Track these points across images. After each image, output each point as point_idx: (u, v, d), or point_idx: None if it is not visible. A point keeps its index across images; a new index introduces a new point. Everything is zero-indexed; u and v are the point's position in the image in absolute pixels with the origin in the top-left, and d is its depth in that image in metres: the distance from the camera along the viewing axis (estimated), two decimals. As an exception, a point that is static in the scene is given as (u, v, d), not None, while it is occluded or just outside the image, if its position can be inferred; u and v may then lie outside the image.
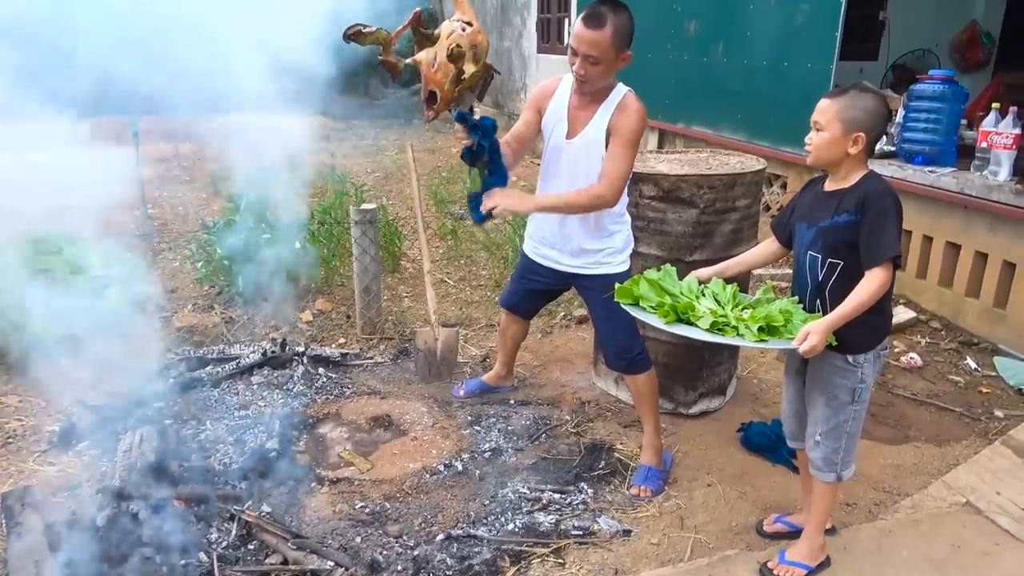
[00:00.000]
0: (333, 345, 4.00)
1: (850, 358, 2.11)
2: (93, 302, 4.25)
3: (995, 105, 3.97)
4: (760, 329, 2.00)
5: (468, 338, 4.12)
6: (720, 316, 2.07)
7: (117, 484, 2.52)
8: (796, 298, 2.20)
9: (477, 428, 3.21)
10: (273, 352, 3.63)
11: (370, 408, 3.38)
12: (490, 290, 4.79)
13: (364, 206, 3.97)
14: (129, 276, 4.72)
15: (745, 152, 5.67)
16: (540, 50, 9.79)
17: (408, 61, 2.32)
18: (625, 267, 2.81)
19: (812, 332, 1.92)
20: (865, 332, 2.07)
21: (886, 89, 5.53)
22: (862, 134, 2.01)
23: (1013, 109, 3.82)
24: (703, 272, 2.33)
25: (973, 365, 3.81)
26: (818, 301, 2.13)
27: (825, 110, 2.04)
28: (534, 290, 3.09)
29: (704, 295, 2.25)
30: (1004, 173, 3.87)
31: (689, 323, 2.07)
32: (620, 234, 2.79)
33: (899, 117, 4.50)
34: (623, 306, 2.21)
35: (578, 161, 2.67)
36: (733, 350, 3.34)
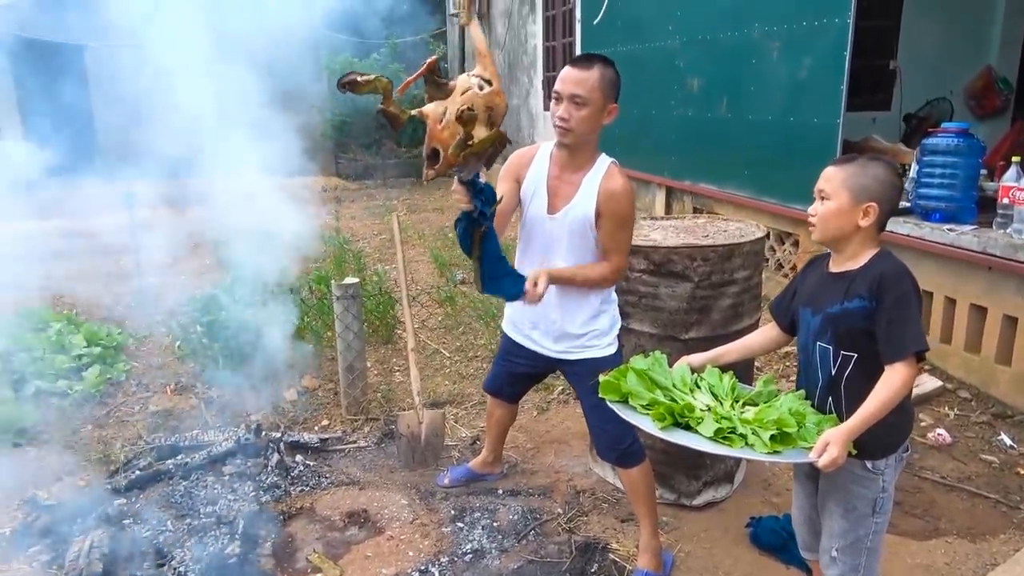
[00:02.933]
0: (316, 427, 3.78)
1: (870, 464, 1.84)
2: (70, 385, 4.12)
3: (1015, 159, 3.72)
4: (772, 437, 1.74)
5: (459, 417, 3.87)
6: (723, 419, 1.81)
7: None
8: (802, 392, 1.95)
9: (460, 524, 2.94)
10: (247, 439, 3.41)
11: (347, 501, 3.13)
12: (486, 361, 4.56)
13: (346, 280, 3.79)
14: (113, 355, 4.59)
15: (753, 209, 5.49)
16: (547, 108, 9.73)
17: (414, 113, 2.01)
18: (612, 350, 2.57)
19: (832, 442, 1.67)
20: (885, 433, 1.79)
21: (899, 142, 5.30)
22: (874, 205, 1.79)
23: (1035, 163, 3.56)
24: (696, 359, 2.10)
25: (1008, 441, 3.47)
26: (830, 398, 1.88)
27: (831, 178, 1.84)
28: (517, 373, 2.85)
29: (699, 387, 2.00)
30: (1029, 231, 3.59)
31: (688, 427, 1.83)
32: (607, 315, 2.57)
33: (913, 172, 4.26)
34: (610, 404, 1.95)
35: (559, 239, 2.45)
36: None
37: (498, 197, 2.18)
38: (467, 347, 4.83)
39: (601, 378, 1.98)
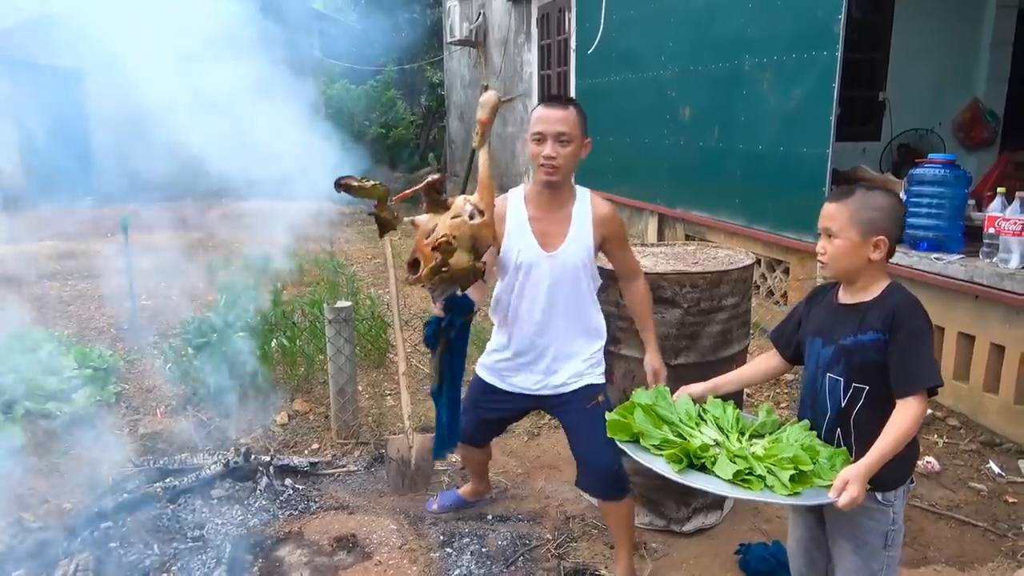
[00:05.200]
0: (306, 451, 3.76)
1: (879, 496, 1.82)
2: (59, 407, 4.10)
3: (1000, 190, 3.78)
4: (791, 478, 1.70)
5: (449, 442, 3.86)
6: (737, 457, 1.77)
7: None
8: (806, 423, 1.93)
9: (448, 550, 2.93)
10: (236, 463, 3.40)
11: (335, 525, 3.11)
12: (478, 386, 4.56)
13: (339, 304, 3.80)
14: (104, 377, 4.58)
15: (745, 237, 5.54)
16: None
17: (406, 221, 2.13)
18: (604, 379, 2.60)
19: (851, 481, 1.64)
20: (896, 464, 1.75)
21: (887, 172, 5.37)
22: (883, 238, 1.79)
23: (1020, 195, 3.61)
24: (696, 389, 2.08)
25: (997, 469, 3.48)
26: (839, 430, 1.86)
27: (835, 215, 1.83)
28: (491, 420, 2.79)
29: (704, 420, 1.98)
30: (1015, 261, 3.64)
31: (703, 468, 1.78)
32: (603, 340, 2.61)
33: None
34: (621, 445, 1.90)
35: (562, 277, 2.47)
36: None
37: (475, 307, 2.33)
38: (459, 372, 4.83)
39: (609, 417, 1.94)
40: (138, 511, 3.14)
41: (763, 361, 2.17)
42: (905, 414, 1.70)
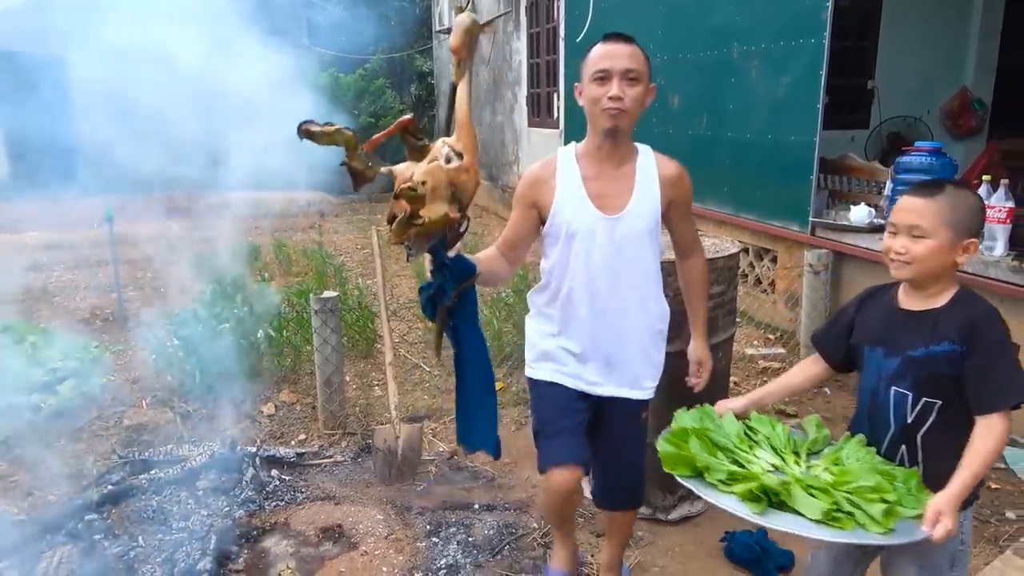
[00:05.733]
0: (293, 442, 3.76)
1: None
2: (44, 399, 4.07)
3: (986, 177, 3.79)
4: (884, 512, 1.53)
5: (436, 432, 3.86)
6: (813, 487, 1.59)
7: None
8: (862, 438, 1.78)
9: (435, 539, 2.93)
10: (222, 453, 3.38)
11: (322, 516, 3.11)
12: (466, 376, 4.55)
13: (325, 294, 3.78)
14: (88, 368, 4.55)
15: (733, 225, 5.54)
16: (531, 124, 9.80)
17: (383, 170, 1.80)
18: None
19: (944, 512, 1.49)
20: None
21: (875, 160, 5.38)
22: (975, 240, 1.66)
23: (1005, 182, 3.63)
24: (737, 404, 1.91)
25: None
26: (903, 447, 1.72)
27: (924, 212, 1.65)
28: (585, 424, 2.24)
29: (756, 442, 1.80)
30: (1000, 248, 3.66)
31: (781, 505, 1.58)
32: (665, 332, 2.29)
33: (888, 190, 4.32)
34: (683, 481, 1.69)
35: (625, 245, 2.10)
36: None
37: (477, 271, 1.92)
38: (447, 361, 4.82)
39: (663, 450, 1.73)
40: (123, 503, 3.13)
41: (806, 368, 1.98)
42: (990, 433, 1.57)
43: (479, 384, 2.02)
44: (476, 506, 3.17)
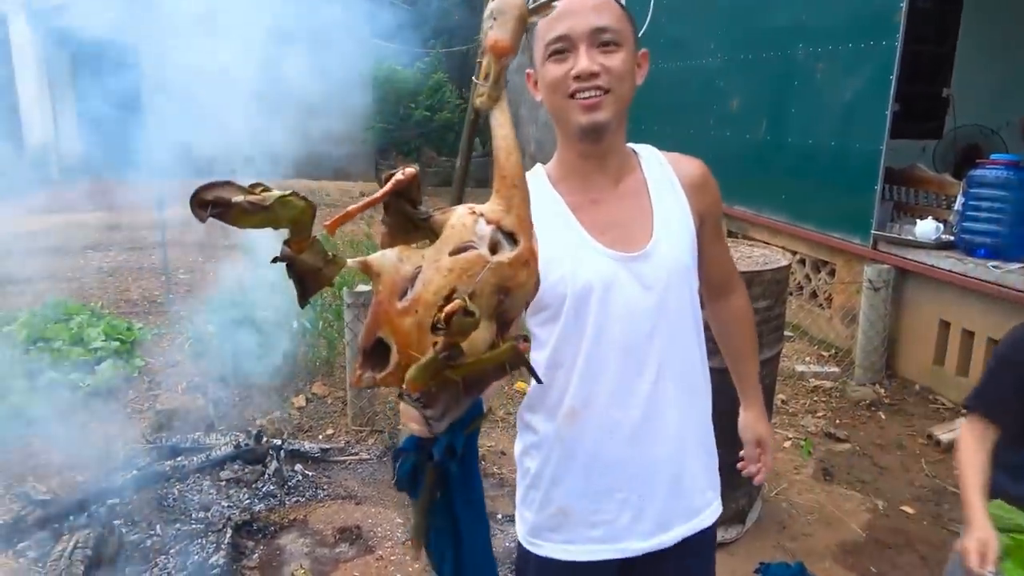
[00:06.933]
0: (320, 436, 3.71)
1: None
2: (82, 378, 4.12)
3: (1069, 195, 3.50)
4: None
5: (466, 435, 3.76)
6: None
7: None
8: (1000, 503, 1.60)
9: (453, 549, 2.82)
10: (247, 445, 3.35)
11: (341, 516, 3.04)
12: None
13: (359, 288, 3.71)
14: (128, 351, 4.60)
15: (789, 235, 5.29)
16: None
17: (351, 264, 0.96)
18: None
19: None
20: None
21: (945, 173, 5.06)
22: None
23: (1090, 201, 3.34)
24: (978, 514, 1.59)
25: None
26: None
27: None
28: None
29: None
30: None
31: None
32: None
33: (958, 205, 4.05)
34: None
35: (666, 288, 1.34)
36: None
37: (485, 409, 1.21)
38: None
39: None
40: (145, 489, 3.12)
41: (983, 445, 1.68)
42: None
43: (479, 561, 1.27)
44: (499, 516, 3.06)
